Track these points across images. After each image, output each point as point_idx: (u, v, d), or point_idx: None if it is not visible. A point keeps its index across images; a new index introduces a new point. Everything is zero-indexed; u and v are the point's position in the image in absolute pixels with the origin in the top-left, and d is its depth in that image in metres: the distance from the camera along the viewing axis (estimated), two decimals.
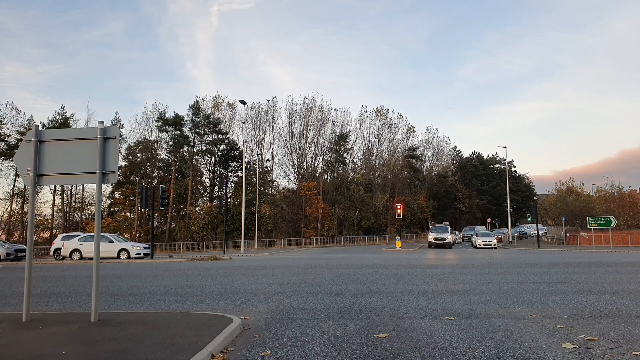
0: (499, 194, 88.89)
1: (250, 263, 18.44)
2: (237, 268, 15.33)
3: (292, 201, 60.11)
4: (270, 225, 52.86)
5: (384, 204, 65.12)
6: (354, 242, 56.99)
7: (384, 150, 71.31)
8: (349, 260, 20.26)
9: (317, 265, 16.37)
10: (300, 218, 57.28)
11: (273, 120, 60.01)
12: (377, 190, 66.98)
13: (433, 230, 42.86)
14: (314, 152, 61.37)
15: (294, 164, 60.26)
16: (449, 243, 41.30)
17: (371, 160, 71.58)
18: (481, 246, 40.88)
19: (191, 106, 49.91)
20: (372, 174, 70.22)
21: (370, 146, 70.42)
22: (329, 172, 62.83)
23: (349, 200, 61.74)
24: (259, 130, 58.54)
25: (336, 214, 59.30)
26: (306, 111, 60.62)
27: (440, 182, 76.13)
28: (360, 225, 61.75)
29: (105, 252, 24.72)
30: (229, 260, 21.78)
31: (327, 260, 20.37)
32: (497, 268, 14.25)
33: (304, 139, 60.02)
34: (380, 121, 69.06)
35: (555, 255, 25.71)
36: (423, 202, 70.66)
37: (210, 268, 15.74)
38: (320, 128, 61.21)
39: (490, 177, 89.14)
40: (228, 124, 57.53)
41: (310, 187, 56.75)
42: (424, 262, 17.62)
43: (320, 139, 61.29)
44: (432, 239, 41.34)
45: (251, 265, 17.00)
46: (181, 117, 48.99)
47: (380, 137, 69.87)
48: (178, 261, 21.60)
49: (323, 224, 57.64)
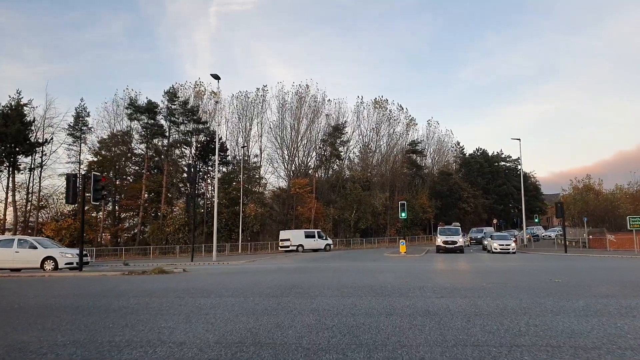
0: (505, 194, 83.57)
1: (200, 281, 12.74)
2: (165, 294, 9.61)
3: (282, 200, 54.42)
4: (257, 226, 47.09)
5: (384, 203, 59.48)
6: (351, 245, 51.29)
7: (382, 146, 65.74)
8: (345, 274, 14.57)
9: (296, 285, 10.70)
10: (291, 219, 51.52)
11: (262, 111, 54.32)
12: (375, 188, 61.34)
13: (442, 233, 37.27)
14: (307, 146, 55.70)
15: (285, 159, 54.52)
16: (460, 247, 35.77)
17: (369, 156, 65.94)
18: (497, 250, 35.35)
19: (167, 92, 44.11)
20: (370, 171, 64.56)
21: (367, 141, 64.80)
22: (322, 167, 57.08)
23: (345, 199, 56.07)
24: (245, 121, 52.84)
25: (331, 214, 53.61)
26: (298, 101, 54.92)
27: (444, 180, 70.55)
28: (357, 227, 56.08)
29: (23, 261, 18.95)
30: (179, 273, 16.05)
31: (315, 274, 14.71)
32: (596, 297, 8.54)
33: (296, 132, 54.32)
34: (379, 113, 63.46)
35: (615, 263, 20.20)
36: (425, 202, 65.08)
37: (126, 293, 10.01)
38: (314, 119, 55.53)
39: (495, 175, 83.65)
40: (210, 115, 51.73)
41: (302, 184, 51.03)
42: (455, 281, 11.96)
43: (314, 132, 55.62)
44: (441, 242, 35.79)
45: (196, 286, 11.28)
46: (155, 104, 43.19)
47: (379, 131, 64.30)
48: (111, 275, 15.83)
49: (316, 225, 51.87)
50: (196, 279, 13.23)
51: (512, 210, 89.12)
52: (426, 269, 16.43)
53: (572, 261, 23.75)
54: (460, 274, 14.21)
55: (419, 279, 12.15)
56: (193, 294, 9.27)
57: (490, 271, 15.37)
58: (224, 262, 26.94)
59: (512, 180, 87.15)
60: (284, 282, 11.46)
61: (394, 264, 21.60)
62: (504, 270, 15.90)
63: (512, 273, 14.75)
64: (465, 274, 13.91)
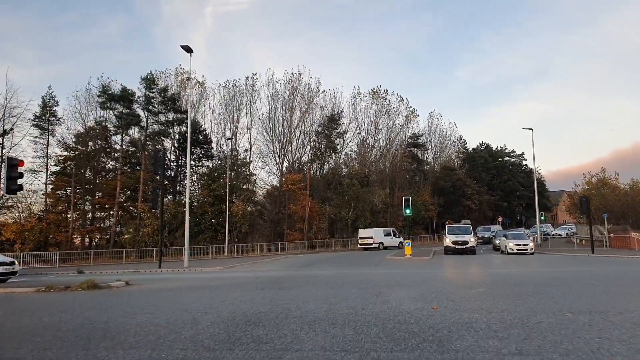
0: (511, 190, 79.62)
1: (117, 309, 8.57)
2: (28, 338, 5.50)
3: (273, 198, 50.28)
4: (245, 226, 42.88)
5: (383, 200, 55.32)
6: (348, 246, 47.15)
7: (381, 139, 61.55)
8: (340, 291, 10.48)
9: (258, 320, 6.66)
10: (282, 218, 47.33)
11: (251, 101, 50.09)
12: (374, 185, 57.20)
13: (451, 232, 33.15)
14: (300, 139, 51.48)
15: (276, 153, 50.30)
16: (472, 248, 31.70)
17: (367, 151, 61.75)
18: (513, 251, 31.25)
19: (144, 79, 39.84)
20: (368, 167, 60.40)
21: (365, 135, 60.61)
22: (317, 161, 52.84)
23: (341, 196, 51.88)
24: (233, 112, 48.59)
25: (327, 212, 49.44)
26: (291, 90, 50.72)
27: (447, 175, 66.43)
28: (355, 226, 51.86)
29: None
30: (117, 288, 11.90)
31: (298, 291, 10.66)
32: None
33: (288, 124, 50.10)
34: (377, 104, 59.27)
35: None
36: (427, 199, 60.97)
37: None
38: (307, 110, 51.31)
39: (500, 170, 79.64)
40: (195, 107, 47.45)
41: (294, 180, 46.85)
42: (518, 307, 7.80)
43: (308, 123, 51.42)
44: (450, 243, 31.70)
45: (97, 319, 7.15)
46: (130, 92, 38.88)
47: (377, 124, 60.07)
48: (20, 292, 11.67)
49: (311, 224, 47.77)
50: (118, 304, 9.07)
51: (517, 208, 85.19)
52: (449, 281, 12.34)
53: (613, 265, 19.72)
54: (504, 288, 10.10)
55: (452, 301, 8.05)
56: (86, 338, 5.13)
57: (541, 283, 11.29)
58: (196, 269, 22.75)
59: (517, 176, 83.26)
60: (244, 311, 7.32)
61: (402, 271, 17.49)
62: (556, 281, 11.85)
63: (572, 284, 10.67)
64: (512, 290, 9.79)
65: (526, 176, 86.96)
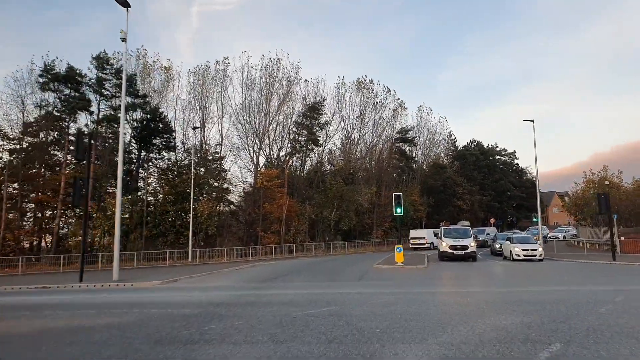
0: (503, 190, 75.78)
1: None
2: None
3: (247, 196, 45.22)
4: (212, 228, 37.70)
5: (370, 199, 50.62)
6: (330, 250, 42.27)
7: (367, 134, 56.82)
8: (298, 342, 5.39)
9: None
10: (257, 219, 42.24)
11: (223, 89, 44.92)
12: (359, 183, 52.49)
13: (447, 234, 28.59)
14: (279, 130, 46.43)
15: (250, 147, 45.22)
16: (472, 253, 27.23)
17: (352, 147, 57.02)
18: (520, 257, 26.83)
19: (95, 57, 34.37)
20: (353, 164, 55.68)
21: (350, 129, 55.85)
22: (297, 155, 47.85)
23: (324, 194, 47.05)
24: (203, 100, 43.37)
25: (307, 212, 44.50)
26: (268, 77, 45.69)
27: (436, 173, 61.98)
28: (338, 228, 47.12)
29: None
30: None
31: (219, 349, 5.53)
32: None
33: (264, 114, 45.04)
34: (363, 96, 54.55)
35: None
36: (416, 198, 56.35)
37: None
38: (286, 100, 46.32)
39: (492, 169, 75.65)
40: (161, 94, 42.16)
41: (270, 176, 41.82)
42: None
43: (287, 113, 46.41)
44: (448, 248, 27.17)
45: None
46: (78, 71, 33.37)
47: (363, 118, 55.33)
48: None
49: (289, 226, 42.76)
50: None
51: (508, 209, 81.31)
52: (483, 320, 7.55)
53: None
54: (593, 338, 5.35)
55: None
56: None
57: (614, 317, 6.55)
58: (126, 284, 17.60)
59: (509, 176, 79.54)
60: None
61: (395, 291, 12.70)
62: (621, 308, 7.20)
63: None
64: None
65: (517, 176, 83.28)
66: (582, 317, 8.11)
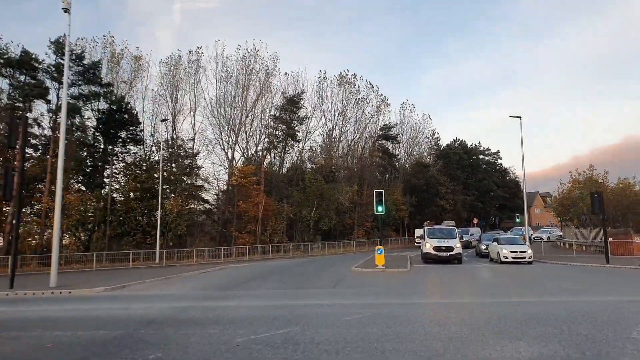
0: (486, 190, 74.60)
1: None
2: None
3: (220, 193, 42.85)
4: (182, 228, 35.27)
5: (351, 198, 48.70)
6: (309, 251, 40.16)
7: (349, 131, 54.86)
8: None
9: None
10: (231, 218, 39.89)
11: (197, 80, 42.46)
12: (341, 181, 50.55)
13: (431, 235, 26.76)
14: (256, 124, 44.12)
15: (223, 143, 42.85)
16: (458, 255, 25.41)
17: (333, 145, 55.04)
18: (508, 260, 25.16)
19: (54, 42, 31.59)
20: (335, 162, 53.72)
21: (332, 126, 53.85)
22: (274, 151, 45.58)
23: (303, 193, 44.93)
24: (174, 92, 40.86)
25: (285, 211, 42.32)
26: (246, 69, 43.37)
27: (420, 172, 60.34)
28: (318, 228, 45.04)
29: None
30: None
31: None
32: None
33: (241, 106, 42.70)
34: (345, 91, 52.58)
35: None
36: (399, 198, 54.70)
37: None
38: (264, 93, 44.06)
39: (475, 169, 74.40)
40: (131, 86, 39.48)
41: (246, 173, 39.52)
42: None
43: (265, 106, 44.16)
44: (432, 249, 25.31)
45: None
46: (33, 56, 30.60)
47: (345, 114, 53.37)
48: None
49: (265, 225, 40.49)
50: None
51: (491, 209, 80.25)
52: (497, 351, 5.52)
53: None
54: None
55: None
56: None
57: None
58: (63, 291, 15.11)
59: (492, 176, 78.42)
60: None
61: (376, 302, 10.62)
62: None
63: None
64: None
65: (501, 176, 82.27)
66: (613, 343, 6.19)
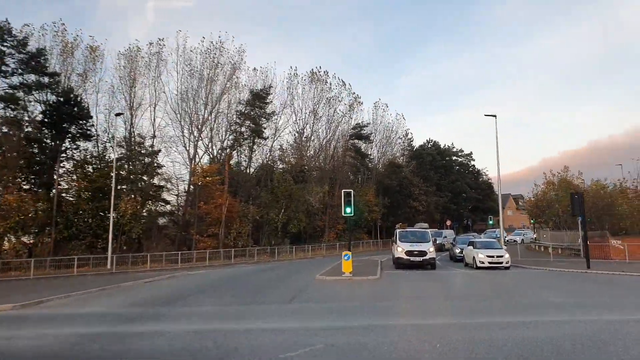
0: (459, 191, 73.94)
1: None
2: None
3: (182, 194, 40.25)
4: (137, 230, 32.57)
5: (321, 199, 46.73)
6: (276, 255, 37.95)
7: (320, 129, 52.98)
8: None
9: None
10: (191, 221, 37.32)
11: (157, 73, 39.77)
12: (311, 181, 48.54)
13: (403, 238, 24.89)
14: (220, 122, 41.68)
15: (185, 139, 40.26)
16: (431, 260, 23.70)
17: (304, 144, 53.01)
18: (484, 265, 23.55)
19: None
20: (307, 162, 51.73)
21: (303, 125, 51.83)
22: (239, 149, 43.20)
23: (271, 193, 42.73)
24: (131, 85, 38.06)
25: (251, 213, 39.99)
26: (211, 61, 40.91)
27: (393, 173, 58.85)
28: (286, 230, 42.87)
29: None
30: None
31: None
32: None
33: (205, 101, 40.21)
34: (317, 88, 50.66)
35: None
36: (371, 199, 53.06)
37: None
38: (230, 88, 41.69)
39: (449, 170, 73.62)
40: (85, 79, 36.46)
41: (209, 172, 37.07)
42: None
43: (230, 100, 41.74)
44: (404, 254, 23.48)
45: None
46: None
47: (316, 112, 51.47)
48: None
49: (229, 228, 38.07)
50: None
51: (464, 211, 79.66)
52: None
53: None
54: None
55: None
56: None
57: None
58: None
59: (465, 177, 77.98)
60: None
61: (332, 324, 8.48)
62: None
63: None
64: None
65: (474, 177, 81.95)
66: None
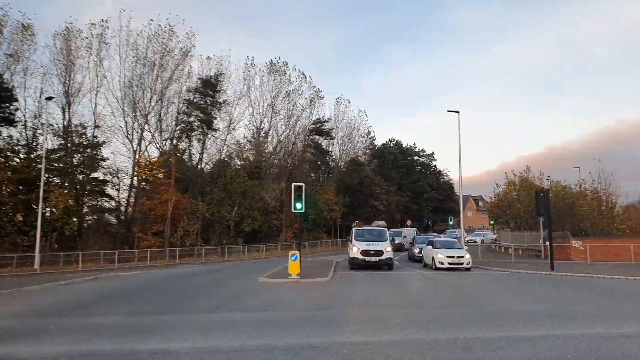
0: (420, 191, 73.23)
1: None
2: None
3: (123, 189, 37.15)
4: (70, 227, 29.39)
5: (278, 197, 44.49)
6: (226, 255, 35.43)
7: (279, 124, 50.79)
8: None
9: None
10: (134, 218, 34.34)
11: (99, 57, 36.56)
12: (268, 178, 46.28)
13: (359, 236, 23.07)
14: (167, 111, 38.81)
15: (128, 128, 37.19)
16: (388, 261, 22.03)
17: (262, 138, 50.68)
18: (444, 266, 22.05)
19: None
20: (265, 159, 49.43)
21: (261, 118, 49.50)
22: (187, 141, 40.43)
23: (223, 190, 40.18)
24: (67, 67, 34.75)
25: (200, 211, 37.31)
26: (159, 45, 37.99)
27: (354, 171, 57.29)
28: (239, 229, 40.41)
29: None
30: None
31: None
32: None
33: (151, 90, 37.26)
34: (276, 80, 48.43)
35: None
36: (332, 197, 51.28)
37: None
38: (177, 73, 38.88)
39: (410, 170, 72.85)
40: (14, 59, 32.90)
41: (154, 165, 34.20)
42: None
43: (180, 88, 38.94)
44: (359, 253, 21.69)
45: None
46: None
47: (275, 105, 49.25)
48: None
49: (176, 226, 35.29)
50: None
51: (424, 211, 79.21)
52: None
53: None
54: None
55: None
56: None
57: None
58: None
59: (427, 178, 77.47)
60: None
61: (263, 343, 6.29)
62: None
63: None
64: None
65: (435, 178, 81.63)
66: None
